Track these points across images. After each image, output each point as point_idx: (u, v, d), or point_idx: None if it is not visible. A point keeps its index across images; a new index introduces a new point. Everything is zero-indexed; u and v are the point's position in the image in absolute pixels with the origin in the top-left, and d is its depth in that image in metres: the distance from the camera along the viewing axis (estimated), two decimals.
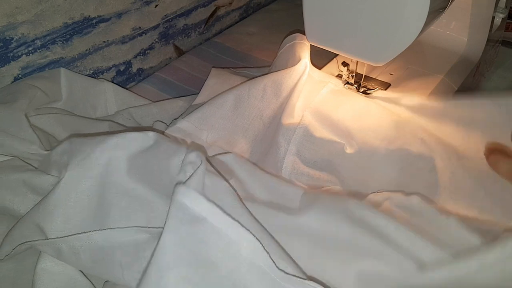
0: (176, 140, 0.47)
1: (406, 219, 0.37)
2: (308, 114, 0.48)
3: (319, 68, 0.56)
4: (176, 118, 0.52)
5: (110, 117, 0.55)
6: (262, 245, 0.31)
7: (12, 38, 0.52)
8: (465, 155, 0.42)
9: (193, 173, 0.34)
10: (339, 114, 0.48)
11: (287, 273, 0.31)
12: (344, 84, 0.53)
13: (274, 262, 0.31)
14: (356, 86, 0.52)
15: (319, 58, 0.57)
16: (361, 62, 0.50)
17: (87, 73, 0.62)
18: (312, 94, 0.51)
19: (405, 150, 0.44)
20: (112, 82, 0.60)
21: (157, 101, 0.59)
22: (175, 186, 0.32)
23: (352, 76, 0.52)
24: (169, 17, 0.71)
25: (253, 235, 0.31)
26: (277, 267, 0.31)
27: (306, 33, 0.48)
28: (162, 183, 0.37)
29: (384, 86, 0.54)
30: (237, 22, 0.86)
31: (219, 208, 0.32)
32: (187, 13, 0.74)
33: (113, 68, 0.66)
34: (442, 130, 0.45)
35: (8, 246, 0.38)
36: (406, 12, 0.40)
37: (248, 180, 0.41)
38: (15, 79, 0.54)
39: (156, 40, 0.71)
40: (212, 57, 0.74)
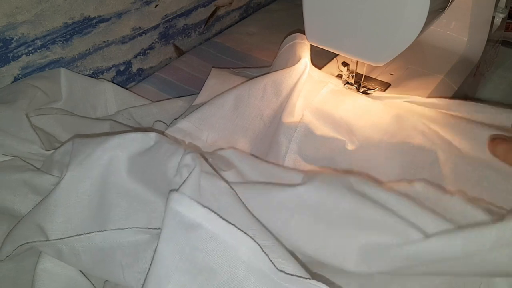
0: (176, 140, 0.47)
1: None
2: (308, 113, 0.48)
3: (319, 68, 0.56)
4: (176, 118, 0.52)
5: (110, 117, 0.55)
6: (261, 247, 0.31)
7: (12, 38, 0.52)
8: (466, 147, 0.42)
9: (188, 177, 0.34)
10: (340, 112, 0.48)
11: (288, 273, 0.31)
12: (344, 84, 0.53)
13: (274, 264, 0.31)
14: (356, 86, 0.52)
15: (319, 58, 0.57)
16: (361, 62, 0.50)
17: (87, 73, 0.62)
18: (312, 94, 0.51)
19: (407, 144, 0.44)
20: (112, 82, 0.60)
21: (157, 101, 0.59)
22: (169, 193, 0.32)
23: (352, 76, 0.52)
24: (169, 17, 0.71)
25: (251, 238, 0.31)
26: (277, 268, 0.31)
27: (306, 33, 0.48)
28: (163, 183, 0.37)
29: (384, 86, 0.54)
30: (237, 22, 0.86)
31: (215, 213, 0.31)
32: (187, 13, 0.74)
33: (113, 68, 0.66)
34: (443, 125, 0.45)
35: (9, 247, 0.38)
36: (406, 12, 0.40)
37: (249, 170, 0.41)
38: (15, 79, 0.54)
39: (156, 40, 0.71)
40: (212, 57, 0.74)
